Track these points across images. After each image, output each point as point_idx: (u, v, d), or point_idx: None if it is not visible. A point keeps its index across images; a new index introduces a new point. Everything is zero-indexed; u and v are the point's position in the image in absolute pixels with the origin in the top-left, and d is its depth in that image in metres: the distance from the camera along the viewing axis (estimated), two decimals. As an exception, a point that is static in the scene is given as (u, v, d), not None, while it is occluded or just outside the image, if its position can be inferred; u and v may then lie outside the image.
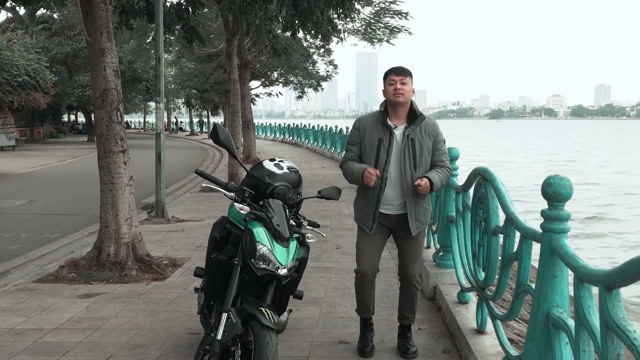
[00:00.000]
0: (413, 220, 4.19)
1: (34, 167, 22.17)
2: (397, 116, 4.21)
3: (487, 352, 3.95)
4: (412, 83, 4.20)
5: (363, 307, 4.39)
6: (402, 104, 4.15)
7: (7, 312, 5.46)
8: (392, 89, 4.13)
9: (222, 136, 3.74)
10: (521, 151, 54.02)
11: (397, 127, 4.18)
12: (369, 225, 4.23)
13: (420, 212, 4.21)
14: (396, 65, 4.26)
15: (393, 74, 4.17)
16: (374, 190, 4.17)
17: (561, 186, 2.80)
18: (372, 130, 4.21)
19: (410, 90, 4.16)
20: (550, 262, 2.85)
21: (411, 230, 4.20)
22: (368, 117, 4.34)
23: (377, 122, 4.22)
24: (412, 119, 4.19)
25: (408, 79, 4.16)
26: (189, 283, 6.30)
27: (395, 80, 4.14)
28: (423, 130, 4.18)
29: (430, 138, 4.20)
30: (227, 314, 3.33)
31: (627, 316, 2.12)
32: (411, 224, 4.19)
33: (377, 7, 19.98)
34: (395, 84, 4.13)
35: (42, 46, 38.83)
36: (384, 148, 4.15)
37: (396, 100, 4.12)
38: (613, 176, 31.68)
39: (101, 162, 6.95)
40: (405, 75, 4.15)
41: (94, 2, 6.77)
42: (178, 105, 65.26)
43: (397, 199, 4.19)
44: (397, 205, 4.20)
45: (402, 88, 4.11)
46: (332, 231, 9.10)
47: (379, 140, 4.16)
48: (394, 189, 4.18)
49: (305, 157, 26.68)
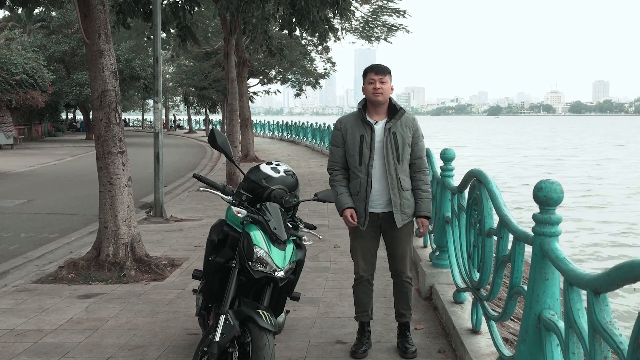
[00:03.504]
0: (398, 212, 4.27)
1: (32, 166, 22.20)
2: (377, 112, 4.31)
3: (482, 352, 4.00)
4: (391, 81, 4.28)
5: (361, 311, 4.45)
6: (382, 102, 4.24)
7: (7, 313, 5.51)
8: (371, 88, 4.23)
9: (220, 140, 3.79)
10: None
11: (378, 122, 4.29)
12: (361, 221, 4.31)
13: (405, 204, 4.29)
14: (375, 64, 4.34)
15: (372, 72, 4.25)
16: (361, 186, 4.27)
17: (552, 190, 2.85)
18: (353, 128, 4.30)
19: (389, 88, 4.25)
20: (541, 264, 2.90)
21: (396, 222, 4.27)
22: (348, 116, 4.43)
23: (357, 120, 4.31)
24: (392, 113, 4.29)
25: (387, 78, 4.24)
26: (188, 283, 6.34)
27: (374, 80, 4.22)
28: (404, 124, 4.28)
29: (411, 131, 4.29)
30: (225, 316, 3.38)
31: (614, 320, 2.17)
32: (396, 217, 4.26)
33: (374, 5, 20.02)
34: (374, 83, 4.22)
35: (40, 44, 38.83)
36: (366, 144, 4.24)
37: (376, 100, 4.22)
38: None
39: (100, 163, 6.99)
40: (384, 74, 4.23)
41: (92, 4, 6.80)
42: (176, 102, 65.23)
43: (383, 195, 4.27)
44: (384, 201, 4.28)
45: (381, 87, 4.20)
46: (329, 230, 9.15)
47: (361, 137, 4.25)
48: (379, 183, 4.27)
49: (304, 154, 26.72)
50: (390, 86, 4.27)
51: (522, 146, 56.39)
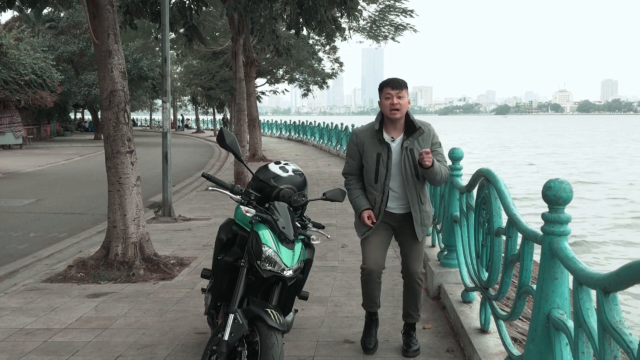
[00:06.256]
0: (418, 225, 4.28)
1: (41, 166, 22.30)
2: (394, 127, 4.26)
3: (490, 351, 3.99)
4: (407, 95, 4.23)
5: (369, 301, 4.44)
6: (399, 118, 4.21)
7: (17, 312, 5.55)
8: (388, 104, 4.16)
9: (228, 140, 3.81)
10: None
11: (395, 139, 4.24)
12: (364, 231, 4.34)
13: (424, 216, 4.31)
14: (391, 78, 4.24)
15: (389, 87, 4.18)
16: (375, 203, 4.28)
17: (561, 190, 2.84)
18: (369, 146, 4.26)
19: (406, 102, 4.20)
20: (550, 264, 2.89)
21: (417, 235, 4.29)
22: (364, 130, 4.36)
23: (374, 138, 4.26)
24: (409, 129, 4.23)
25: (404, 92, 4.18)
26: (196, 282, 6.36)
27: (391, 94, 4.16)
28: (421, 139, 4.23)
29: (428, 144, 4.25)
30: (234, 315, 3.38)
31: (623, 319, 2.16)
32: (417, 229, 4.28)
33: (382, 4, 20.00)
34: (391, 98, 4.15)
35: (48, 45, 38.94)
36: (382, 163, 4.21)
37: (393, 117, 4.18)
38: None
39: (109, 163, 7.02)
40: (401, 89, 4.17)
41: (100, 4, 6.83)
42: (184, 102, 65.41)
43: (402, 199, 4.27)
44: (402, 205, 4.29)
45: (398, 102, 4.14)
46: (337, 230, 9.15)
47: (377, 155, 4.22)
48: (399, 200, 4.28)
49: (311, 154, 26.72)
50: (407, 100, 4.22)
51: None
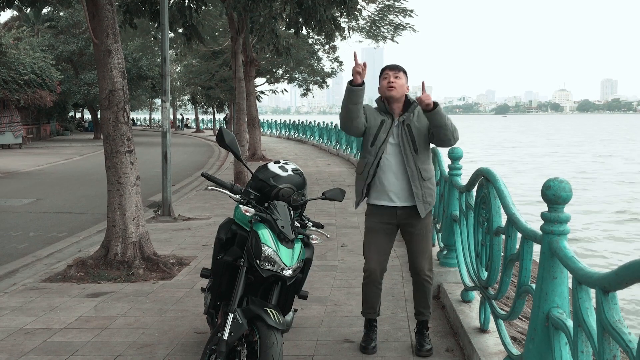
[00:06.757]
0: (420, 202, 4.27)
1: (40, 165, 22.30)
2: (392, 110, 4.33)
3: (490, 350, 3.99)
4: (406, 80, 4.32)
5: (368, 308, 4.46)
6: (395, 97, 4.26)
7: (16, 312, 5.55)
8: (385, 83, 4.27)
9: (228, 139, 3.81)
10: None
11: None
12: (357, 201, 4.43)
13: (427, 193, 4.30)
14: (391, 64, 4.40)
15: (387, 69, 4.33)
16: (366, 166, 4.31)
17: (560, 189, 2.84)
18: (374, 114, 4.34)
19: (403, 84, 4.28)
20: (550, 263, 2.89)
21: (419, 211, 4.27)
22: (369, 106, 4.46)
23: (379, 111, 4.35)
24: (406, 109, 4.32)
25: (401, 74, 4.29)
26: (196, 282, 6.36)
27: (388, 74, 4.28)
28: (418, 114, 4.29)
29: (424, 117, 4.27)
30: (233, 314, 3.39)
31: (622, 318, 2.17)
32: (419, 206, 4.26)
33: (381, 4, 19.99)
34: (388, 78, 4.26)
35: (48, 44, 38.90)
36: (384, 129, 4.26)
37: (389, 94, 4.24)
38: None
39: (108, 162, 7.02)
40: (398, 71, 4.29)
41: (100, 4, 6.83)
42: (184, 102, 65.38)
43: (404, 189, 4.27)
44: (404, 195, 4.27)
45: (394, 81, 4.24)
46: (337, 229, 9.14)
47: (382, 121, 4.28)
48: (398, 180, 4.27)
49: (311, 154, 26.71)
50: (406, 85, 4.31)
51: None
